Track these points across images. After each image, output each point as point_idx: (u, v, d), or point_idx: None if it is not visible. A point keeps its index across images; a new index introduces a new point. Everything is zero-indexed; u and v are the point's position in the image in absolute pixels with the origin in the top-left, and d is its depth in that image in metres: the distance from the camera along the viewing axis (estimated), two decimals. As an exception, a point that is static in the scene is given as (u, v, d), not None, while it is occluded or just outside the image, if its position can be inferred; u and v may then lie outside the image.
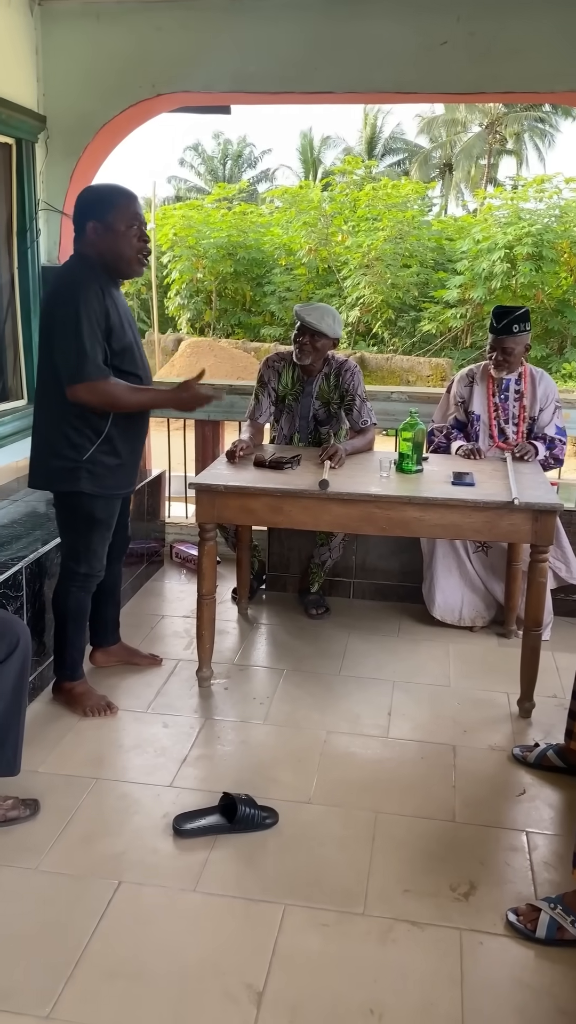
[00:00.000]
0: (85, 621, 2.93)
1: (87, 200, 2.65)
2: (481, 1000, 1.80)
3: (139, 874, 2.14)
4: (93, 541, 2.80)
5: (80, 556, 2.81)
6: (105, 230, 2.60)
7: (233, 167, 32.93)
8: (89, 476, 2.69)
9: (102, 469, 2.70)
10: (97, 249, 2.62)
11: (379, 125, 31.23)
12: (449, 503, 2.82)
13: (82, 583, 2.85)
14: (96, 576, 2.87)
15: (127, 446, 2.77)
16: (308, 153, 31.83)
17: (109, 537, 2.87)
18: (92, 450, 2.67)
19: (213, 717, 2.92)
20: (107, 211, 2.60)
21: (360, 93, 3.90)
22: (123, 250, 2.63)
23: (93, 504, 2.74)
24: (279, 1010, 1.76)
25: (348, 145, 32.11)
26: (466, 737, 2.82)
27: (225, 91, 3.96)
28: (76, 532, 2.80)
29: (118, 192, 2.65)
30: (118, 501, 2.87)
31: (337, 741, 2.78)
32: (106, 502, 2.78)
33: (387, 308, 12.51)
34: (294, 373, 3.61)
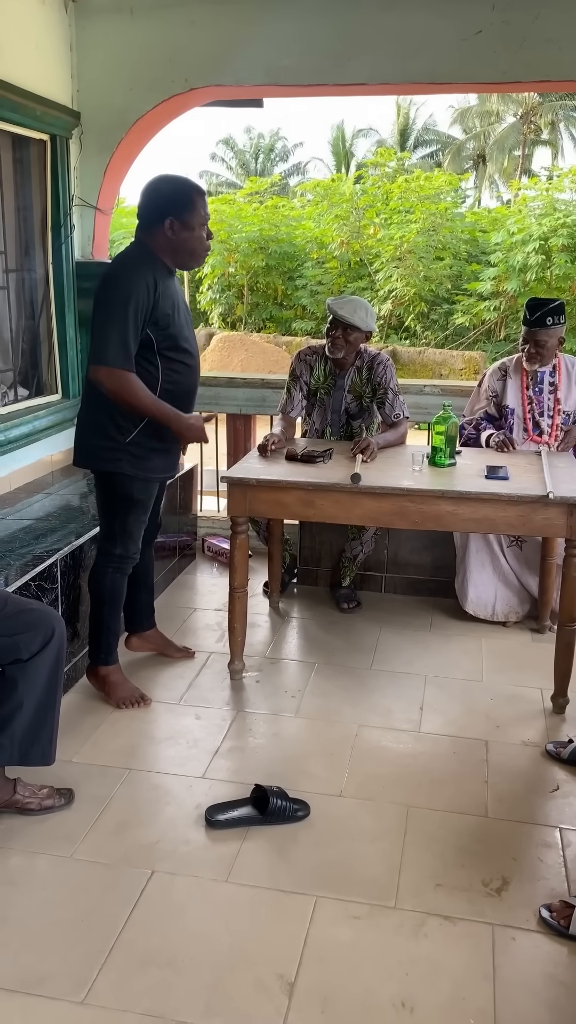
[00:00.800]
0: (120, 604, 2.96)
1: (167, 195, 2.67)
2: (514, 995, 1.79)
3: (172, 864, 2.16)
4: (129, 522, 2.84)
5: (116, 537, 2.85)
6: (183, 228, 2.65)
7: (265, 161, 32.91)
8: (131, 458, 2.74)
9: (144, 452, 2.75)
10: (171, 244, 2.67)
11: (412, 117, 31.01)
12: (483, 497, 2.80)
13: (118, 564, 2.89)
14: (131, 558, 2.91)
15: (168, 432, 2.79)
16: (340, 146, 31.69)
17: (146, 520, 2.92)
18: (135, 432, 2.72)
19: (245, 710, 2.94)
20: (187, 210, 2.65)
21: (394, 84, 3.88)
22: (195, 247, 2.71)
23: (132, 485, 2.79)
24: (311, 1001, 1.77)
25: (380, 137, 31.92)
26: (499, 732, 2.80)
27: (258, 84, 3.95)
28: (114, 513, 2.84)
29: (196, 190, 2.70)
30: (156, 484, 2.91)
31: (369, 735, 2.78)
32: (145, 484, 2.82)
33: (420, 301, 12.41)
34: (326, 367, 3.60)
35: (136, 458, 2.75)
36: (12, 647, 2.22)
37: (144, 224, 2.71)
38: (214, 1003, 1.76)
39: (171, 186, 2.71)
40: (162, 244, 2.68)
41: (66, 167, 3.97)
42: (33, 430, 3.77)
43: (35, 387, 4.07)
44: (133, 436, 2.73)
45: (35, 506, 3.50)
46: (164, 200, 2.67)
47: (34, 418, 3.80)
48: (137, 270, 2.63)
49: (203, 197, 2.72)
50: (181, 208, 2.65)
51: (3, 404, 3.77)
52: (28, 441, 3.74)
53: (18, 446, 3.67)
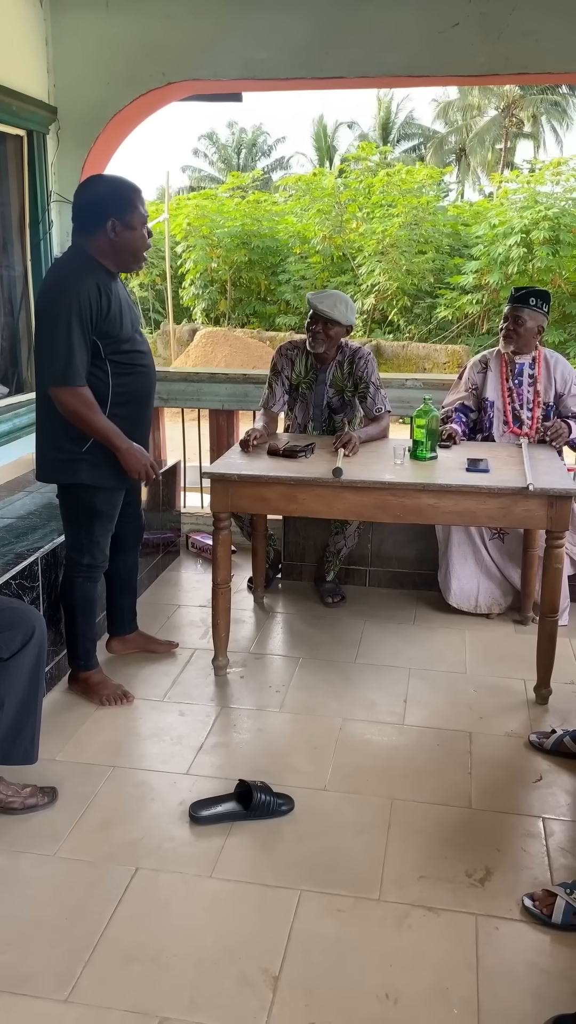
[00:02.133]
0: (93, 611, 2.94)
1: (105, 196, 2.61)
2: (497, 984, 1.80)
3: (156, 860, 2.16)
4: (95, 532, 2.82)
5: (84, 547, 2.83)
6: (125, 228, 2.60)
7: (247, 156, 32.82)
8: (89, 467, 2.70)
9: (102, 460, 2.70)
10: (113, 246, 2.62)
11: (394, 111, 31.02)
12: (463, 490, 2.81)
13: (87, 574, 2.87)
14: (100, 567, 2.89)
15: (130, 434, 2.73)
16: (322, 140, 31.65)
17: (111, 528, 2.89)
18: (91, 442, 2.67)
19: (229, 705, 2.94)
20: (127, 210, 2.60)
21: (371, 78, 3.87)
22: (138, 247, 2.67)
23: (94, 496, 2.76)
24: (295, 994, 1.77)
25: (363, 131, 31.91)
26: (482, 724, 2.82)
27: (235, 78, 3.94)
28: (78, 523, 2.82)
29: (133, 190, 2.65)
30: (120, 493, 2.86)
31: (353, 728, 2.78)
32: (108, 494, 2.79)
33: (402, 295, 12.41)
34: (308, 361, 3.60)
35: (94, 467, 2.70)
36: (-8, 646, 2.21)
37: (82, 228, 2.65)
38: (198, 998, 1.76)
39: (108, 187, 2.66)
40: (103, 247, 2.62)
41: (43, 163, 3.94)
42: (13, 428, 3.75)
43: (15, 385, 4.05)
44: (88, 445, 2.67)
45: (16, 504, 3.48)
46: (103, 201, 2.61)
47: (14, 415, 3.78)
48: (81, 280, 2.55)
49: (141, 197, 2.68)
50: (122, 208, 2.60)
51: (-17, 402, 3.75)
52: (8, 439, 3.73)
53: None
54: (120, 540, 2.98)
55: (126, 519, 2.98)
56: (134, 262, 2.70)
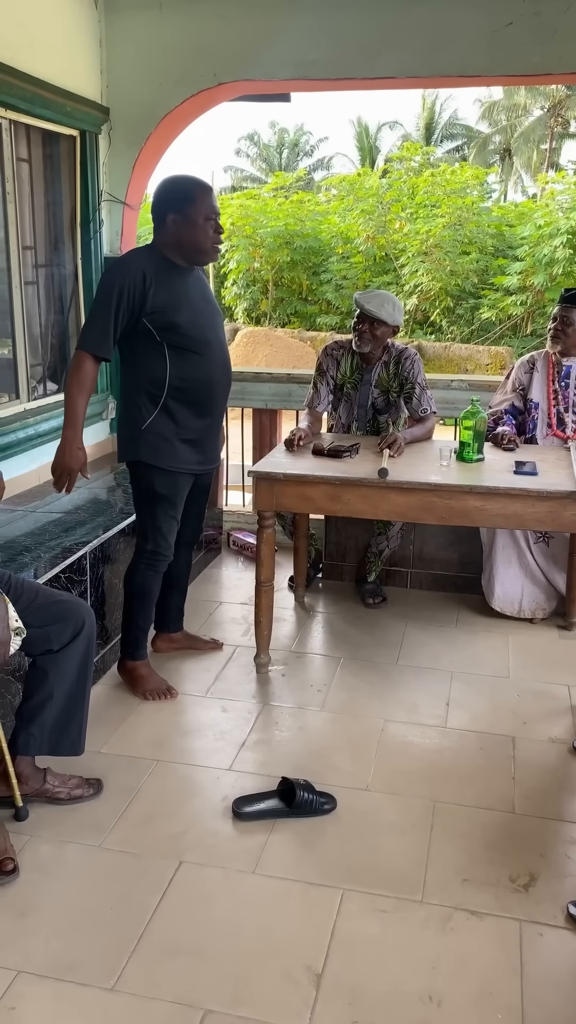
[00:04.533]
0: (151, 602, 2.97)
1: (166, 192, 2.71)
2: (542, 992, 1.79)
3: (199, 855, 2.18)
4: (157, 517, 2.84)
5: (147, 532, 2.87)
6: (184, 221, 2.66)
7: (290, 156, 32.83)
8: (147, 446, 2.75)
9: (160, 440, 2.75)
10: (175, 239, 2.69)
11: (437, 111, 30.80)
12: (511, 492, 2.79)
13: (149, 561, 2.89)
14: (163, 556, 2.90)
15: (190, 420, 2.78)
16: (364, 140, 31.55)
17: (176, 517, 2.89)
18: (150, 420, 2.74)
19: (271, 703, 2.95)
20: (186, 204, 2.66)
21: (423, 78, 3.85)
22: (200, 240, 2.71)
23: (153, 476, 2.79)
24: (338, 993, 1.78)
25: (406, 132, 31.74)
26: (526, 729, 2.79)
27: (286, 79, 3.95)
28: (140, 506, 2.88)
29: (196, 185, 2.72)
30: (183, 479, 2.85)
31: (395, 730, 2.78)
32: (167, 477, 2.80)
33: (445, 296, 12.33)
34: (353, 361, 3.60)
35: (153, 447, 2.75)
36: (43, 638, 2.24)
37: (154, 225, 2.74)
38: (241, 992, 1.77)
39: (173, 184, 2.75)
40: (167, 240, 2.70)
41: (95, 162, 3.99)
42: (61, 424, 3.79)
43: (64, 382, 4.09)
44: (148, 423, 2.73)
45: (64, 500, 3.52)
46: (166, 198, 2.71)
47: (61, 413, 3.82)
48: (131, 262, 2.68)
49: (207, 193, 2.72)
50: (181, 202, 2.67)
51: (33, 399, 3.80)
52: (57, 435, 3.75)
53: (47, 440, 3.70)
54: (177, 537, 2.99)
55: (186, 517, 3.00)
56: (198, 254, 2.74)
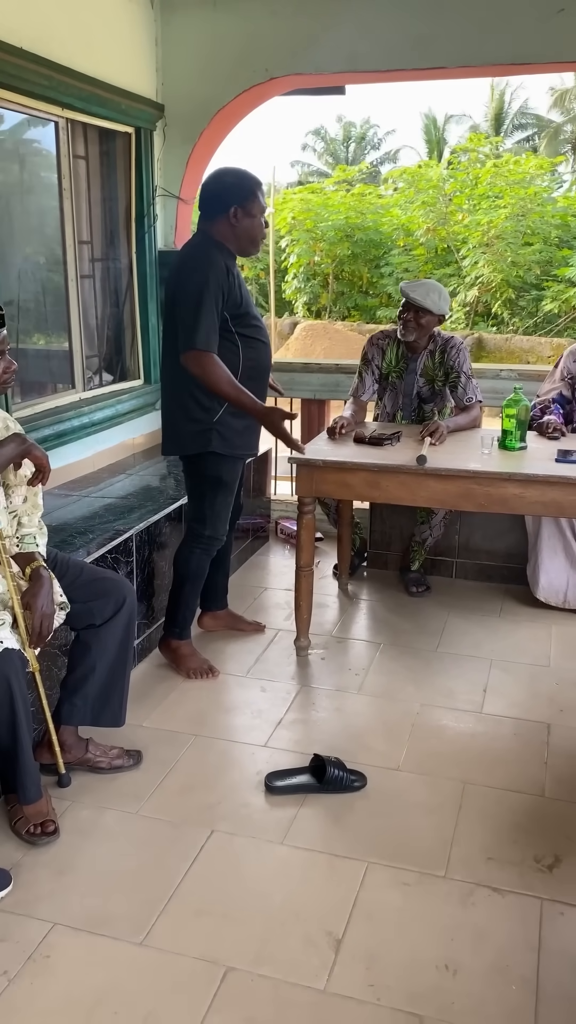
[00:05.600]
0: (201, 584, 3.08)
1: (230, 184, 2.80)
2: (558, 967, 1.81)
3: (231, 824, 2.26)
4: (217, 503, 2.97)
5: (206, 519, 2.97)
6: (245, 215, 2.78)
7: (357, 150, 32.70)
8: (219, 437, 2.86)
9: (230, 431, 2.87)
10: (234, 231, 2.80)
11: (507, 101, 30.26)
12: (551, 480, 2.79)
13: (206, 546, 3.00)
14: (219, 540, 3.02)
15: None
16: (432, 132, 31.20)
17: (231, 501, 3.03)
18: (221, 412, 2.84)
19: (309, 684, 3.01)
20: (248, 198, 2.78)
21: (474, 67, 3.84)
22: (256, 234, 2.84)
23: (221, 465, 2.91)
24: (356, 957, 1.83)
25: (474, 122, 31.27)
26: (562, 716, 2.80)
27: (338, 72, 3.99)
28: (203, 495, 2.97)
29: (254, 180, 2.83)
30: (242, 464, 3.03)
31: (430, 714, 2.81)
32: (233, 463, 2.94)
33: (507, 287, 12.17)
34: (399, 351, 3.63)
35: (224, 437, 2.87)
36: (86, 613, 2.36)
37: (207, 214, 2.83)
38: (263, 953, 1.85)
39: (235, 177, 2.83)
40: (225, 232, 2.80)
41: (150, 158, 4.10)
42: (116, 413, 3.93)
43: (119, 373, 4.24)
44: (219, 415, 2.84)
45: (116, 486, 3.65)
46: (228, 190, 2.80)
47: (117, 402, 3.96)
48: (212, 258, 2.75)
49: (262, 188, 2.85)
50: (244, 197, 2.78)
51: (88, 388, 3.94)
52: (111, 424, 3.90)
53: (101, 428, 3.83)
54: None
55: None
56: (252, 247, 2.87)
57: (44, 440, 3.41)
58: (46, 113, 3.44)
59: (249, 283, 14.76)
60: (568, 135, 29.21)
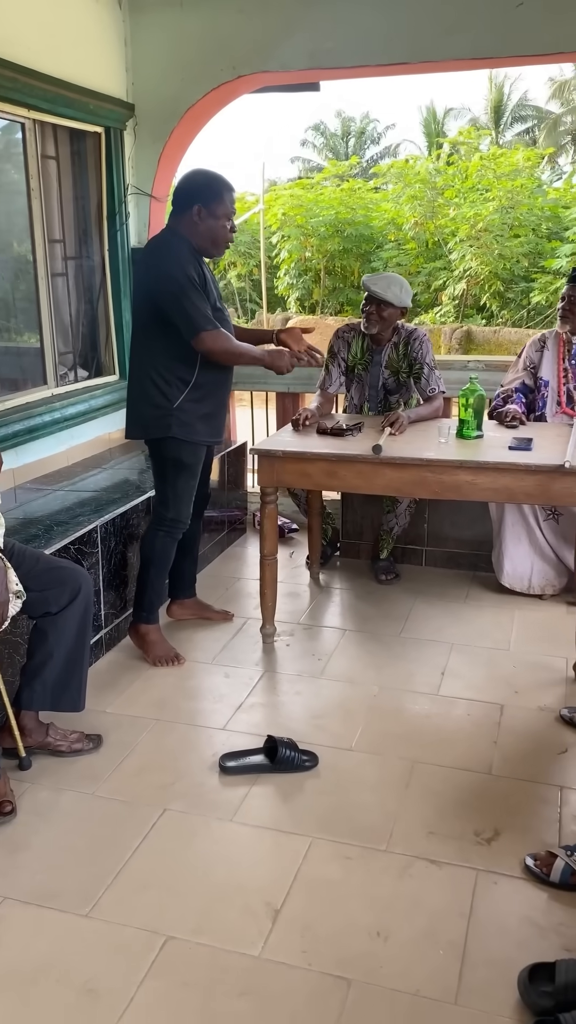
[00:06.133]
0: (167, 567, 3.16)
1: (197, 184, 2.90)
2: (486, 933, 1.88)
3: (183, 803, 2.33)
4: (179, 486, 3.05)
5: (169, 501, 3.06)
6: (208, 215, 2.86)
7: (356, 145, 32.68)
8: (179, 423, 2.96)
9: (190, 417, 2.97)
10: (197, 229, 2.88)
11: (506, 92, 30.19)
12: (500, 467, 2.85)
13: (169, 528, 3.08)
14: (182, 523, 3.10)
15: (213, 397, 3.03)
16: (432, 126, 31.15)
17: (195, 486, 3.11)
18: (181, 399, 2.94)
19: (273, 670, 3.08)
20: (213, 200, 2.87)
21: (436, 62, 3.89)
22: (217, 236, 2.91)
23: (181, 449, 3.00)
24: (293, 926, 1.90)
25: (474, 115, 31.20)
26: (516, 698, 2.86)
27: (303, 69, 4.05)
28: (165, 478, 3.06)
29: (223, 184, 2.91)
30: (203, 450, 3.11)
31: (387, 696, 2.88)
32: (193, 448, 3.03)
33: (495, 279, 12.19)
34: (363, 343, 3.69)
35: (183, 423, 2.96)
36: (42, 601, 2.43)
37: (176, 210, 2.93)
38: (203, 923, 1.92)
39: (204, 177, 2.93)
40: (189, 229, 2.89)
41: (120, 157, 4.16)
42: (89, 409, 4.00)
43: (94, 369, 4.31)
44: (179, 402, 2.94)
45: (90, 480, 3.72)
46: (196, 189, 2.89)
47: (90, 397, 4.03)
48: (181, 248, 2.86)
49: (230, 192, 2.93)
50: (209, 198, 2.87)
51: (62, 384, 4.01)
52: (84, 419, 3.97)
53: (75, 423, 3.90)
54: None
55: (199, 487, 3.19)
56: (213, 248, 2.95)
57: (15, 435, 3.49)
58: (11, 115, 3.51)
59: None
60: (568, 126, 29.13)
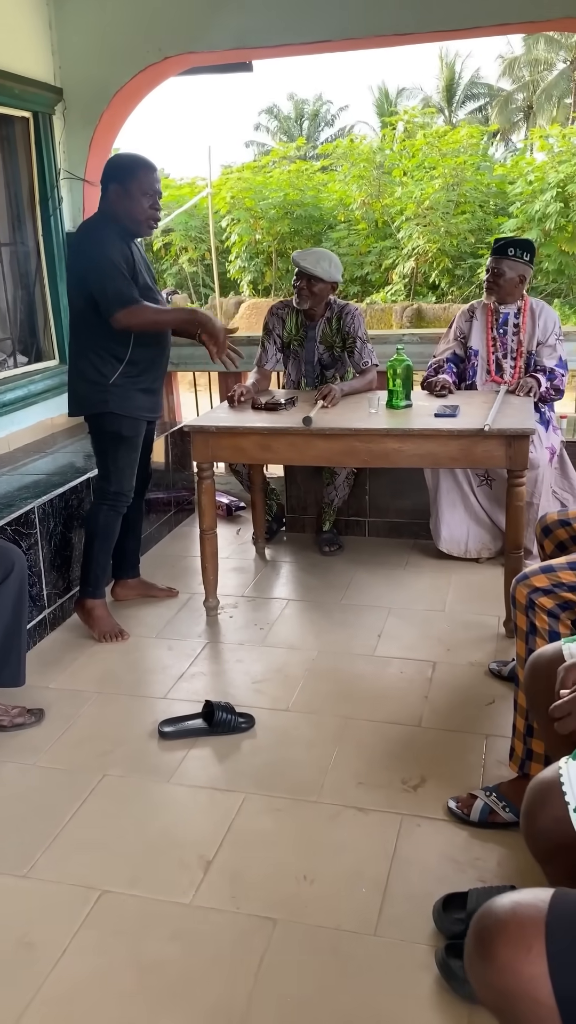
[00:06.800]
0: (111, 541, 3.21)
1: (113, 166, 3.00)
2: (407, 870, 1.97)
3: (122, 768, 2.40)
4: (120, 459, 3.12)
5: (110, 475, 3.13)
6: (125, 195, 2.94)
7: (311, 127, 32.60)
8: (116, 398, 3.04)
9: (127, 392, 3.05)
10: (115, 209, 2.96)
11: (458, 71, 30.27)
12: (425, 433, 2.94)
13: (112, 502, 3.14)
14: (125, 496, 3.16)
15: (149, 372, 3.11)
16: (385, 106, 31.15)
17: (135, 459, 3.18)
18: (117, 374, 3.02)
19: (215, 641, 3.16)
20: (128, 179, 2.94)
21: (357, 39, 3.95)
22: (137, 215, 2.97)
23: (120, 423, 3.07)
24: (223, 875, 1.98)
25: (426, 94, 31.26)
26: (449, 655, 2.96)
27: (229, 48, 4.08)
28: (105, 452, 3.13)
29: (139, 163, 2.98)
30: (143, 424, 3.18)
31: (325, 659, 2.97)
32: (132, 422, 3.11)
33: (443, 257, 12.31)
34: (297, 319, 3.75)
35: (120, 397, 3.04)
36: (-24, 580, 2.47)
37: (102, 194, 3.02)
38: (137, 876, 1.99)
39: (120, 159, 3.04)
40: (109, 209, 2.98)
41: (50, 142, 4.17)
42: (28, 393, 4.03)
43: (34, 354, 4.33)
44: (115, 377, 3.02)
45: (31, 464, 3.74)
46: (114, 170, 2.99)
47: (29, 382, 4.06)
48: (108, 229, 2.93)
49: (147, 170, 2.99)
50: (124, 177, 2.95)
51: (0, 370, 4.03)
52: (24, 404, 4.00)
53: (14, 409, 3.93)
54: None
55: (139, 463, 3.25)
56: (135, 226, 3.01)
57: (-47, 422, 3.51)
58: None
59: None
60: (520, 104, 29.31)
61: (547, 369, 3.53)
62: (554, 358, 3.57)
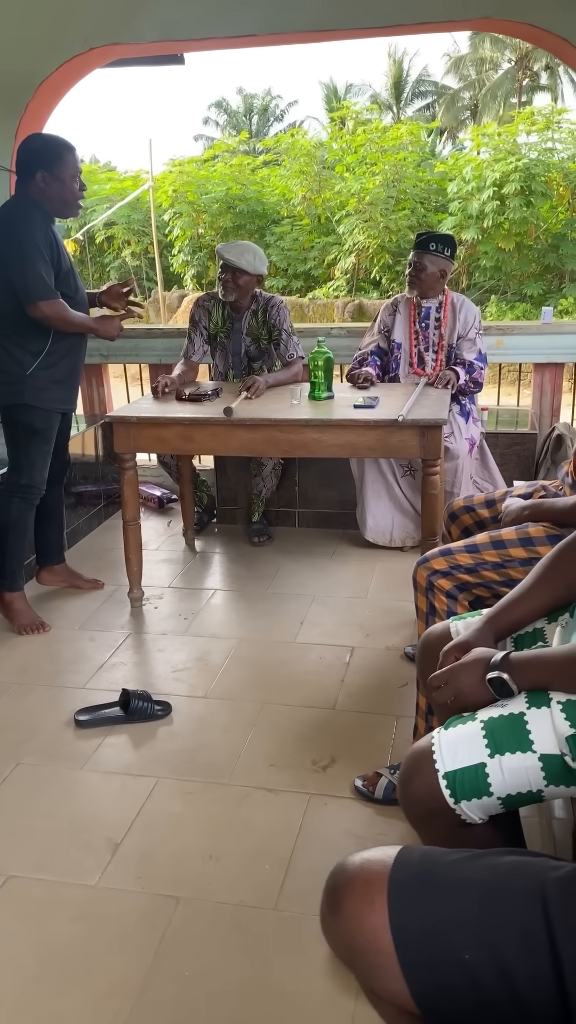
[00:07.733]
0: (25, 533, 3.20)
1: (36, 150, 2.97)
2: (311, 847, 2.02)
3: (36, 757, 2.41)
4: (32, 452, 3.10)
5: (22, 467, 3.11)
6: (53, 180, 2.94)
7: (260, 122, 32.56)
8: (31, 390, 3.02)
9: (42, 384, 3.04)
10: (45, 195, 2.96)
11: (406, 68, 30.52)
12: (343, 423, 2.99)
13: (24, 494, 3.13)
14: (36, 488, 3.15)
15: (65, 365, 3.10)
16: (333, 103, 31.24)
17: (48, 451, 3.16)
18: (34, 367, 3.01)
19: (138, 632, 3.17)
20: (55, 163, 2.94)
21: (282, 34, 3.98)
22: (67, 197, 2.99)
23: (33, 415, 3.06)
24: (130, 857, 2.01)
25: (375, 91, 31.47)
26: (367, 640, 3.02)
27: (154, 40, 4.07)
28: (17, 444, 3.11)
29: (64, 146, 2.97)
30: (58, 416, 3.17)
31: (245, 648, 3.00)
32: (45, 414, 3.10)
33: (384, 252, 12.45)
34: (224, 311, 3.78)
35: (36, 389, 3.03)
36: None
37: (20, 178, 3.00)
38: (44, 861, 2.01)
39: (41, 143, 3.01)
40: (38, 195, 2.96)
41: (-27, 132, 4.13)
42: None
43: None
44: (31, 370, 3.01)
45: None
46: (34, 155, 2.96)
47: None
48: (31, 214, 2.92)
49: (72, 152, 3.00)
50: (51, 162, 2.94)
51: None
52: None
53: None
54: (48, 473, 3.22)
55: (55, 452, 3.24)
56: (66, 208, 3.04)
57: None
58: None
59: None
60: (466, 102, 29.65)
61: (467, 362, 3.61)
62: (474, 352, 3.65)
